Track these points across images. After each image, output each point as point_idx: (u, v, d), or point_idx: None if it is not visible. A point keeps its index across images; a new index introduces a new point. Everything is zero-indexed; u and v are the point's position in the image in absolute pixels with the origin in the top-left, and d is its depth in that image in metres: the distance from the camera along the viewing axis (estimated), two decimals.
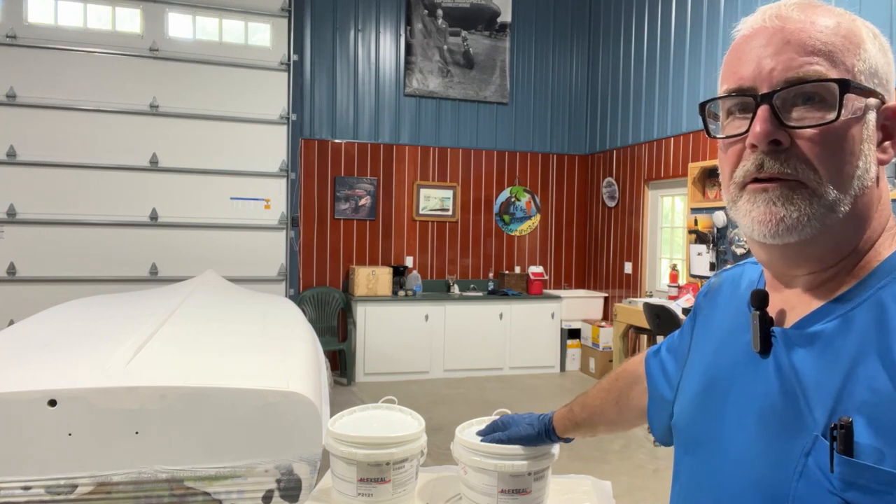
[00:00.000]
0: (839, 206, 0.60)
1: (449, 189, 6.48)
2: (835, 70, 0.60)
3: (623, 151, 6.25)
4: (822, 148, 0.60)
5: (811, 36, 0.61)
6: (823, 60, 0.60)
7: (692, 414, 0.76)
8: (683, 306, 4.56)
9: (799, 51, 0.60)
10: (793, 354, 0.63)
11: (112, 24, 4.97)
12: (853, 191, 0.61)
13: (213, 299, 3.02)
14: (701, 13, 5.15)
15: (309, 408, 1.57)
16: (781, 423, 0.62)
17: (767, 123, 0.60)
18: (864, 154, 0.61)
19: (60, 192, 4.84)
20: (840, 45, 0.61)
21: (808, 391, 0.60)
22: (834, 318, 0.62)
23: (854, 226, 0.63)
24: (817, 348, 0.61)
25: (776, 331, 0.66)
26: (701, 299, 0.86)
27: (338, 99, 6.11)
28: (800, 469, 0.59)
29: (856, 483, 0.54)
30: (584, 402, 1.09)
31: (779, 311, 0.68)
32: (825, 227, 0.61)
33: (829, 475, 0.56)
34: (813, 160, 0.60)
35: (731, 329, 0.74)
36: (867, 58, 0.62)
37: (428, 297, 6.03)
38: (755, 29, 0.64)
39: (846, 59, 0.60)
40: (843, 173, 0.60)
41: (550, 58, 6.80)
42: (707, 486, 0.70)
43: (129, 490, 1.47)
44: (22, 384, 1.47)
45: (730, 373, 0.71)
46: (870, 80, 0.61)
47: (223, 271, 4.34)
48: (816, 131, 0.60)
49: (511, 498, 1.12)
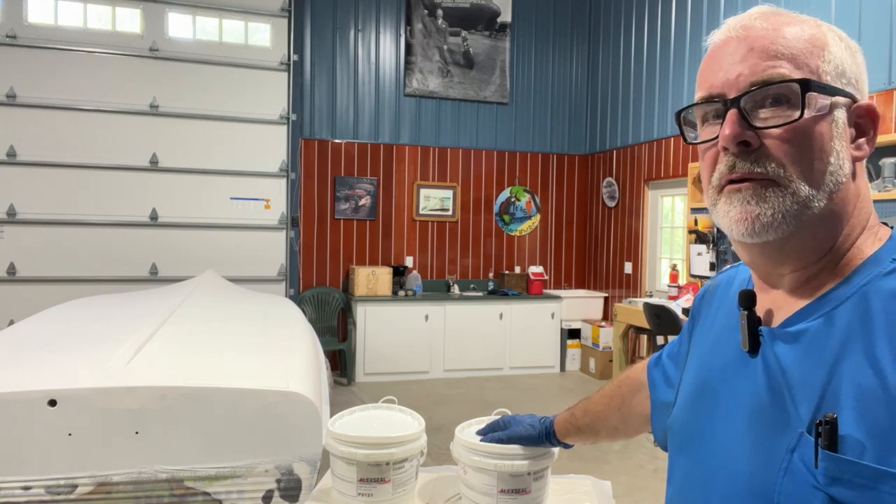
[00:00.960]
0: (813, 202, 0.62)
1: (449, 189, 6.48)
2: (798, 72, 0.62)
3: (623, 151, 6.25)
4: (790, 145, 0.62)
5: (774, 41, 0.63)
6: (787, 63, 0.63)
7: (685, 414, 0.77)
8: (683, 306, 4.56)
9: (763, 56, 0.63)
10: (779, 353, 0.65)
11: (112, 24, 4.97)
12: (827, 187, 0.62)
13: (213, 299, 3.02)
14: (701, 13, 5.15)
15: (309, 408, 1.57)
16: (768, 421, 0.63)
17: (735, 125, 0.63)
18: (835, 150, 0.63)
19: (60, 192, 4.84)
20: (803, 48, 0.63)
21: (794, 388, 0.62)
22: (818, 317, 0.63)
23: (832, 222, 0.64)
24: (802, 346, 0.63)
25: (763, 330, 0.68)
26: (698, 302, 0.87)
27: (338, 99, 6.11)
28: (785, 465, 0.60)
29: (840, 478, 0.55)
30: (586, 408, 1.09)
31: (766, 310, 0.69)
32: (801, 224, 0.62)
33: (814, 470, 0.57)
34: (782, 158, 0.62)
35: (723, 330, 0.75)
36: (832, 59, 0.64)
37: (428, 297, 6.03)
38: (723, 40, 0.67)
39: (809, 61, 0.63)
40: (815, 169, 0.62)
41: (550, 58, 6.80)
42: (699, 484, 0.71)
43: (129, 490, 1.47)
44: (22, 384, 1.48)
45: (721, 373, 0.72)
46: (837, 79, 0.64)
47: (223, 271, 4.33)
48: (783, 130, 0.62)
49: (511, 498, 1.12)
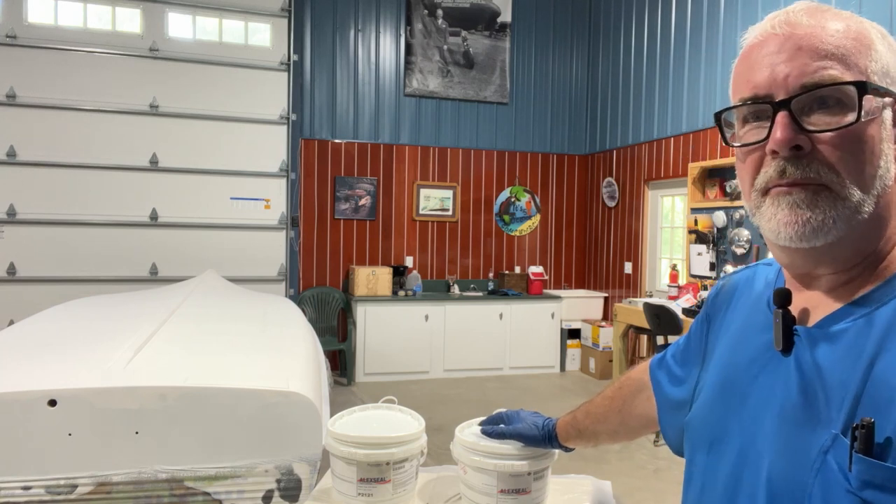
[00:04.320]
0: (863, 207, 0.61)
1: (449, 189, 6.47)
2: (849, 73, 0.60)
3: (623, 151, 6.25)
4: (843, 150, 0.60)
5: (823, 40, 0.61)
6: (837, 64, 0.60)
7: (707, 413, 0.76)
8: (683, 306, 4.56)
9: (812, 56, 0.61)
10: (816, 353, 0.63)
11: (112, 24, 4.97)
12: (876, 190, 0.61)
13: (213, 299, 3.02)
14: (701, 13, 5.15)
15: (309, 408, 1.57)
16: (801, 421, 0.62)
17: (788, 129, 0.60)
18: (884, 153, 0.61)
19: (60, 192, 4.84)
20: (852, 47, 0.61)
21: (830, 390, 0.60)
22: (858, 318, 0.62)
23: (876, 225, 0.63)
24: (840, 347, 0.62)
25: (799, 329, 0.66)
26: (711, 302, 0.85)
27: (338, 99, 6.11)
28: (818, 466, 0.59)
29: (873, 482, 0.55)
30: (587, 410, 1.09)
31: (801, 310, 0.68)
32: (850, 229, 0.61)
33: (848, 474, 0.56)
34: (835, 163, 0.60)
35: (747, 329, 0.74)
36: (878, 58, 0.62)
37: (428, 297, 6.03)
38: (765, 36, 0.64)
39: (859, 62, 0.61)
40: (866, 174, 0.60)
41: (550, 58, 6.80)
42: (723, 483, 0.70)
43: (129, 490, 1.47)
44: (22, 384, 1.47)
45: (747, 371, 0.71)
46: (882, 79, 0.62)
47: (223, 271, 4.33)
48: (836, 134, 0.60)
49: (511, 498, 1.12)
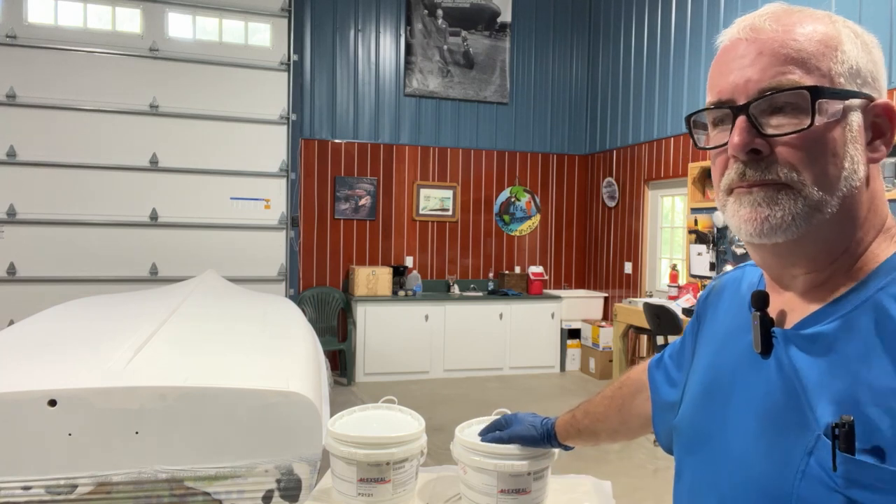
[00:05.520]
0: (825, 207, 0.61)
1: (449, 189, 6.47)
2: (809, 77, 0.60)
3: (623, 151, 6.25)
4: (802, 153, 0.61)
5: (784, 44, 0.62)
6: (797, 68, 0.61)
7: (693, 415, 0.77)
8: (683, 306, 4.56)
9: (772, 61, 0.61)
10: (793, 355, 0.64)
11: (112, 24, 4.97)
12: (840, 192, 0.61)
13: (213, 299, 3.02)
14: (701, 13, 5.15)
15: (309, 408, 1.57)
16: (783, 423, 0.62)
17: (745, 133, 0.62)
18: (849, 155, 0.61)
19: (60, 192, 4.84)
20: (814, 50, 0.61)
21: (810, 391, 0.61)
22: (834, 320, 0.62)
23: (844, 226, 0.63)
24: (818, 349, 0.62)
25: (777, 331, 0.67)
26: (702, 303, 0.86)
27: (338, 99, 6.11)
28: (802, 468, 0.59)
29: (859, 481, 0.55)
30: (586, 409, 1.09)
31: (779, 311, 0.69)
32: (812, 227, 0.62)
33: (832, 473, 0.57)
34: (796, 164, 0.61)
35: (732, 330, 0.75)
36: (846, 59, 0.62)
37: (428, 297, 6.03)
38: (732, 41, 0.66)
39: (821, 64, 0.61)
40: (828, 175, 0.61)
41: (550, 58, 6.80)
42: (709, 485, 0.71)
43: (129, 490, 1.47)
44: (22, 384, 1.47)
45: (731, 373, 0.71)
46: (851, 80, 0.62)
47: (223, 271, 4.33)
48: (794, 137, 0.61)
49: (511, 498, 1.12)
